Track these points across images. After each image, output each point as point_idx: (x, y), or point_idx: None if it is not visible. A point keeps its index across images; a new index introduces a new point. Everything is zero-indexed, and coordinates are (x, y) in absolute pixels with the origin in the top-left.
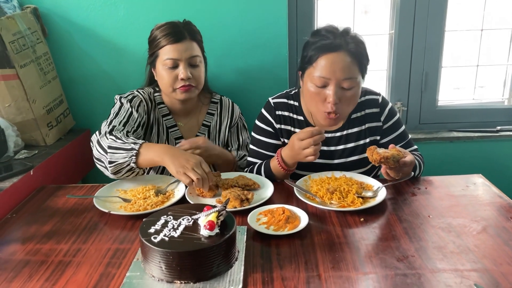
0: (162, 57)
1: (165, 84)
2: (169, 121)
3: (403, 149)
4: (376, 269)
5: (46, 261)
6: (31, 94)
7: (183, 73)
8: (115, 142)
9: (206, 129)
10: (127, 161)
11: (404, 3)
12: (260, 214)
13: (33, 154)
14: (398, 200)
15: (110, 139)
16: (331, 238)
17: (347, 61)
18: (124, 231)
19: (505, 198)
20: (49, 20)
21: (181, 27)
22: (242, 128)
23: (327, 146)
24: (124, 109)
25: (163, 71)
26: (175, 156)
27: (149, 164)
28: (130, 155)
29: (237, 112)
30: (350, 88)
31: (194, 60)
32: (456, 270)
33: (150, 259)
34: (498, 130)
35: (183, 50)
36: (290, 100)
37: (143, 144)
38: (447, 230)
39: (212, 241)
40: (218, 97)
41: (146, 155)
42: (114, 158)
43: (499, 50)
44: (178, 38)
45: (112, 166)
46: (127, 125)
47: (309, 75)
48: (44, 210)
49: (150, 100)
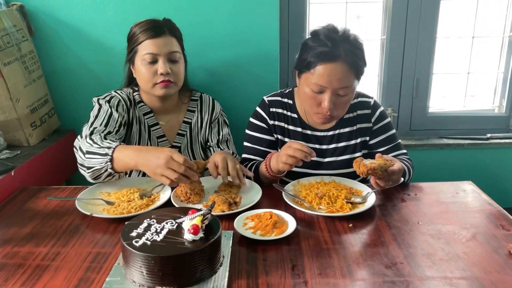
0: (141, 52)
1: (144, 80)
2: (150, 120)
3: (390, 157)
4: (364, 276)
5: (24, 264)
6: (14, 93)
7: (162, 68)
8: (92, 147)
9: (188, 126)
10: (103, 166)
11: (396, 9)
12: (247, 219)
13: (16, 155)
14: (388, 206)
15: (88, 143)
16: (319, 244)
17: (344, 71)
18: (106, 234)
19: (495, 205)
20: (35, 18)
21: (160, 22)
22: (223, 124)
23: (319, 144)
24: (104, 110)
25: (142, 67)
26: (147, 158)
27: (125, 169)
28: (105, 161)
29: (218, 108)
30: (345, 95)
31: (174, 56)
32: (445, 277)
33: (131, 263)
34: (488, 137)
35: (162, 45)
36: (284, 98)
37: (116, 149)
38: (436, 237)
39: (195, 245)
40: (198, 95)
41: (120, 161)
42: (92, 163)
43: (489, 58)
44: (157, 33)
45: (90, 171)
46: (108, 125)
47: (306, 79)
48: (24, 212)
49: (129, 100)
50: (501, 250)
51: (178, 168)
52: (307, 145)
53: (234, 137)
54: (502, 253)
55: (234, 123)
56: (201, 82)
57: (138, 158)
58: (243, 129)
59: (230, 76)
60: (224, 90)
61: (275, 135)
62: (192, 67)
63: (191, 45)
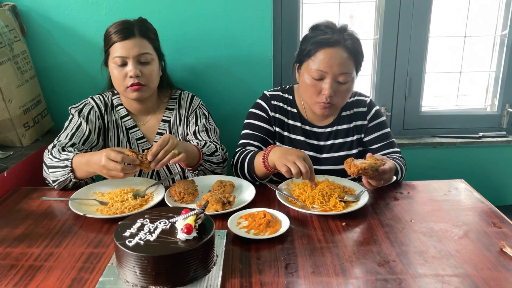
0: (112, 55)
1: (116, 83)
2: (128, 122)
3: (381, 156)
4: (357, 274)
5: (16, 265)
6: (7, 94)
7: (131, 71)
8: (52, 161)
9: (166, 125)
10: (67, 178)
11: (388, 9)
12: (241, 218)
13: (8, 155)
14: (380, 204)
15: (49, 158)
16: (312, 243)
17: (344, 57)
18: (99, 234)
19: (487, 203)
20: (28, 18)
21: (132, 24)
22: (201, 115)
23: (317, 140)
24: (74, 121)
25: (114, 70)
26: (96, 163)
27: (88, 175)
28: (67, 172)
29: (197, 102)
30: (345, 82)
31: (144, 58)
32: (437, 275)
33: (125, 263)
34: (481, 136)
35: (131, 47)
36: (284, 93)
37: (73, 159)
38: (428, 235)
39: (189, 245)
40: (178, 93)
41: (80, 169)
42: (56, 176)
43: (481, 57)
44: (126, 35)
45: (56, 184)
46: (75, 136)
47: (306, 67)
48: (17, 213)
49: (106, 104)
50: (492, 248)
51: (115, 167)
52: (305, 140)
53: (226, 138)
54: (493, 250)
55: (228, 123)
56: (194, 83)
57: (92, 165)
58: (238, 130)
59: (224, 76)
60: (217, 91)
61: (274, 127)
62: (184, 68)
63: (183, 46)
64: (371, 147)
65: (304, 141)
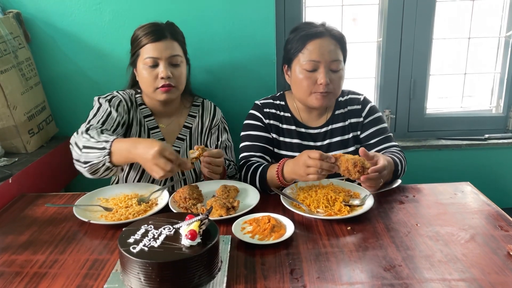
0: (143, 56)
1: (145, 84)
2: (150, 123)
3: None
4: (362, 279)
5: (21, 272)
6: (11, 100)
7: (163, 72)
8: (89, 141)
9: (188, 131)
10: (101, 160)
11: (392, 11)
12: (245, 223)
13: (13, 162)
14: (386, 208)
15: (84, 138)
16: (317, 248)
17: (332, 44)
18: (104, 241)
19: (493, 206)
20: (32, 25)
21: (162, 26)
22: (222, 130)
23: (314, 141)
24: (103, 109)
25: (143, 70)
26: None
27: (124, 161)
28: (103, 154)
29: (219, 115)
30: (337, 70)
31: (175, 60)
32: (443, 279)
33: (129, 270)
34: (486, 138)
35: (163, 48)
36: (276, 100)
37: (113, 142)
38: (434, 238)
39: (193, 251)
40: (200, 100)
41: (119, 154)
42: (89, 158)
43: (486, 59)
44: (158, 37)
45: (88, 166)
46: (106, 123)
47: (297, 63)
48: (22, 219)
49: (131, 101)
50: (499, 251)
51: (165, 166)
52: (301, 142)
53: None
54: (500, 254)
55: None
56: (197, 87)
57: (134, 149)
58: (238, 134)
59: (227, 80)
60: (220, 95)
61: (271, 134)
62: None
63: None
64: (368, 143)
65: (300, 143)
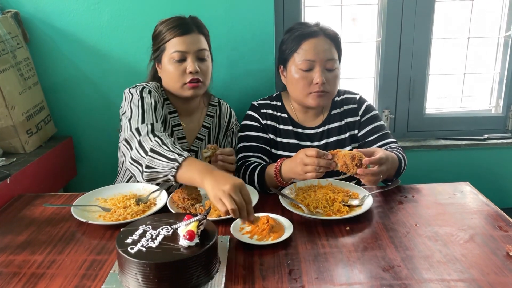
0: (169, 51)
1: (172, 79)
2: (174, 119)
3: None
4: (361, 280)
5: (19, 273)
6: (9, 100)
7: (191, 66)
8: (160, 147)
9: (206, 131)
10: (166, 172)
11: (391, 11)
12: (244, 223)
13: (11, 162)
14: (385, 208)
15: (155, 141)
16: (316, 248)
17: (327, 44)
18: (102, 241)
19: (492, 206)
20: (30, 25)
21: (188, 20)
22: (236, 134)
23: (311, 141)
24: (148, 103)
25: (169, 65)
26: (217, 179)
27: (187, 181)
28: (170, 166)
29: (234, 117)
30: (333, 69)
31: (202, 54)
32: (442, 280)
33: (127, 270)
34: (486, 138)
35: (190, 42)
36: (272, 101)
37: (187, 159)
38: (434, 239)
39: (191, 251)
40: (217, 100)
41: (188, 172)
42: (154, 164)
43: (485, 58)
44: (185, 30)
45: (148, 171)
46: (157, 116)
47: (293, 63)
48: (20, 220)
49: (159, 94)
50: (499, 252)
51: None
52: (298, 143)
53: None
54: (500, 255)
55: None
56: None
57: (207, 175)
58: None
59: (225, 81)
60: (219, 95)
61: (268, 135)
62: None
63: None
64: (366, 140)
65: (297, 143)
